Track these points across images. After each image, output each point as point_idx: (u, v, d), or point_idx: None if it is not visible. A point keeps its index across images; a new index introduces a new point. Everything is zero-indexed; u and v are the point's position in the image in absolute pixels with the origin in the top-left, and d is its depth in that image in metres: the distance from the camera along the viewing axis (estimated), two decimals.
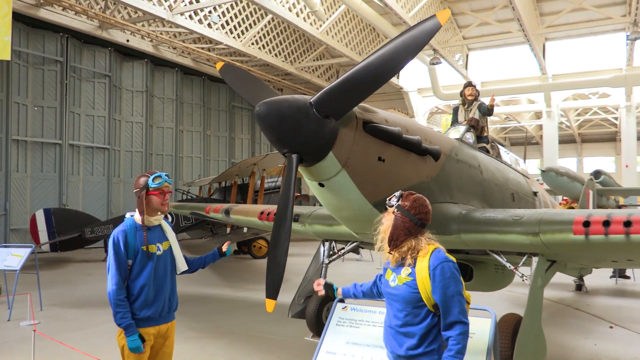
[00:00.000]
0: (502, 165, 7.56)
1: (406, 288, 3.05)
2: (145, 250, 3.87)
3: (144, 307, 3.83)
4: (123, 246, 3.82)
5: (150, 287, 3.87)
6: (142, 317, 3.84)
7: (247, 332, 7.80)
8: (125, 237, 3.86)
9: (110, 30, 19.68)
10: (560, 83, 26.19)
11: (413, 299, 3.03)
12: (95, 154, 21.24)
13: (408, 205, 3.19)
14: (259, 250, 17.55)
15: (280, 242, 4.61)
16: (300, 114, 4.43)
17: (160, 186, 3.94)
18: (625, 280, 12.86)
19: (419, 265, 3.04)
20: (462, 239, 5.72)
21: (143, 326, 3.84)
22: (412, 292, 3.03)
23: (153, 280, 3.90)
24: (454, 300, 2.95)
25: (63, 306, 9.76)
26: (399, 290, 3.09)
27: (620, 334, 7.68)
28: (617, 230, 4.83)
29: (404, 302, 3.06)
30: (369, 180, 5.01)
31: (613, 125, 43.40)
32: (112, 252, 3.82)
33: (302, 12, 19.22)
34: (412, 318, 3.05)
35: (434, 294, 2.97)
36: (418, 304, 3.03)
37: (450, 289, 2.95)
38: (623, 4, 22.35)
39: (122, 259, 3.82)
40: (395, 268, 3.18)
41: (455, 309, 2.94)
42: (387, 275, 3.23)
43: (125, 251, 3.83)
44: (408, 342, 3.05)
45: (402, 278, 3.09)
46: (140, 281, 3.85)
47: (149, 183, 3.93)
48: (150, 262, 3.89)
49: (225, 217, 9.53)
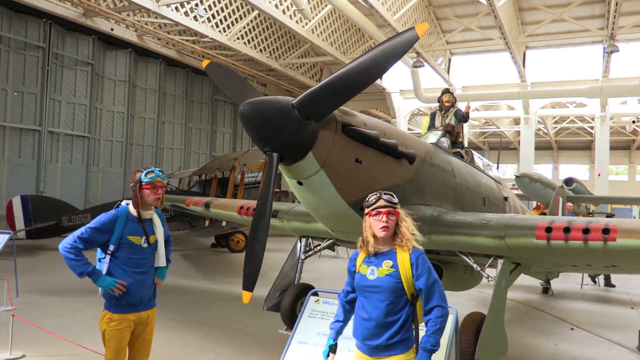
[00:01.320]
0: (475, 170, 7.85)
1: (389, 279, 3.31)
2: (129, 240, 4.04)
3: (125, 293, 4.00)
4: (106, 228, 4.00)
5: (131, 276, 4.03)
6: (123, 303, 4.01)
7: (222, 324, 7.98)
8: (114, 223, 4.04)
9: (94, 18, 19.57)
10: (538, 91, 26.77)
11: (396, 289, 3.30)
12: (75, 142, 21.09)
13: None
14: (236, 244, 17.68)
15: (259, 237, 4.80)
16: (282, 115, 4.63)
17: (152, 181, 4.12)
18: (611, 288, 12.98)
19: (401, 258, 3.32)
20: (432, 240, 5.98)
21: (123, 312, 4.02)
22: (395, 282, 3.30)
23: (134, 269, 4.06)
24: (435, 286, 3.29)
25: (39, 293, 9.79)
26: (381, 282, 3.33)
27: (580, 336, 8.04)
28: (576, 237, 5.13)
29: (388, 292, 3.30)
30: (346, 181, 5.23)
31: (589, 134, 44.36)
32: (92, 224, 3.99)
33: (288, 10, 19.35)
34: (393, 307, 3.30)
35: (418, 282, 3.28)
36: (400, 292, 3.31)
37: (432, 276, 3.30)
38: (601, 17, 22.97)
39: (98, 236, 3.98)
40: (371, 262, 3.41)
41: (436, 294, 3.28)
42: (362, 270, 3.44)
43: (107, 233, 4.00)
44: (390, 331, 3.29)
45: (383, 270, 3.34)
46: (123, 269, 4.03)
47: (142, 177, 4.12)
48: (132, 252, 4.06)
49: (205, 211, 9.68)
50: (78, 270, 3.91)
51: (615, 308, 10.56)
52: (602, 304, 11.00)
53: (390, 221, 3.38)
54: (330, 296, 4.50)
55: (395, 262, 3.33)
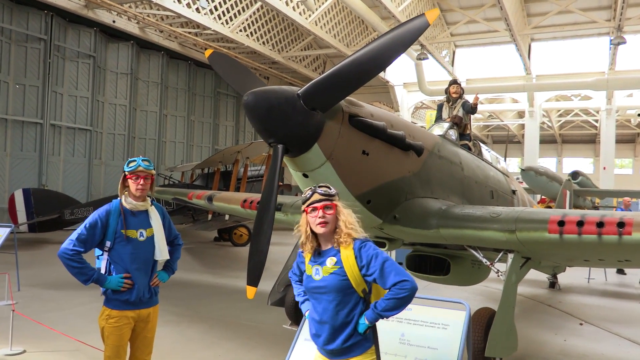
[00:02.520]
0: (483, 163, 7.70)
1: (334, 277, 3.08)
2: (124, 234, 3.90)
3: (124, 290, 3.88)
4: (101, 225, 3.87)
5: (129, 272, 3.91)
6: (122, 299, 3.89)
7: (226, 318, 7.88)
8: (107, 218, 3.91)
9: (96, 10, 19.39)
10: (543, 84, 26.52)
11: (343, 287, 3.07)
12: (77, 135, 21.00)
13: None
14: (239, 237, 17.61)
15: (263, 230, 4.67)
16: (287, 105, 4.49)
17: (134, 170, 3.96)
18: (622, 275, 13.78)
19: (344, 254, 3.09)
20: (440, 234, 5.84)
21: (123, 309, 3.90)
22: (341, 279, 3.07)
23: (132, 265, 3.93)
24: (387, 265, 3.01)
25: (41, 287, 9.72)
26: (327, 281, 3.10)
27: (589, 331, 7.91)
28: (590, 231, 4.99)
29: (335, 292, 3.08)
30: (353, 173, 5.10)
31: (593, 128, 44.13)
32: (87, 224, 3.86)
33: (291, 1, 19.14)
34: (343, 307, 3.08)
35: (367, 272, 3.03)
36: (348, 290, 3.08)
37: (380, 257, 3.03)
38: (608, 9, 22.68)
39: (94, 235, 3.85)
40: (315, 261, 3.19)
41: (392, 272, 2.99)
42: (308, 271, 3.22)
43: (102, 230, 3.87)
44: (344, 334, 3.09)
45: (328, 269, 3.11)
46: (119, 265, 3.91)
47: (124, 167, 4.00)
48: (130, 246, 3.92)
49: (208, 204, 9.56)
50: (83, 278, 3.79)
51: (624, 302, 10.44)
52: (610, 298, 10.87)
53: (327, 215, 3.13)
54: None
55: (339, 258, 3.10)
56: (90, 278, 3.79)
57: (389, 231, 5.90)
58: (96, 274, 3.82)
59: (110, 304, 3.92)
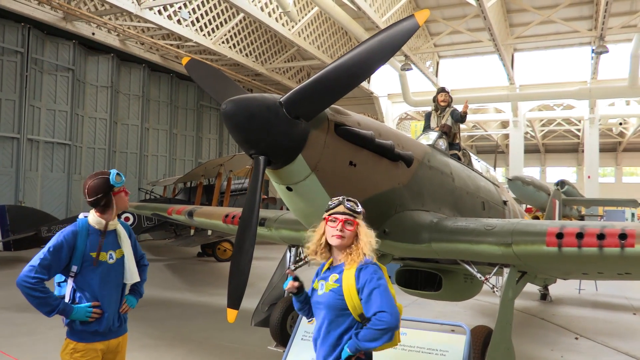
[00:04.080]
0: (474, 173, 7.47)
1: (331, 294, 2.93)
2: (95, 258, 3.48)
3: (92, 320, 3.48)
4: (67, 248, 3.41)
5: (97, 299, 3.49)
6: (90, 331, 3.47)
7: (207, 340, 7.48)
8: (74, 240, 3.46)
9: (75, 22, 18.97)
10: (527, 93, 26.60)
11: (337, 305, 2.91)
12: (55, 150, 20.45)
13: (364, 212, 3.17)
14: (223, 252, 17.15)
15: (245, 249, 4.37)
16: (269, 113, 4.21)
17: (123, 184, 3.64)
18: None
19: (347, 273, 2.93)
20: (432, 248, 5.56)
21: (90, 341, 3.47)
22: (337, 298, 2.91)
23: (101, 291, 3.51)
24: (375, 292, 2.81)
25: (14, 310, 9.21)
26: (325, 297, 2.97)
27: (586, 346, 7.66)
28: (590, 243, 4.74)
29: (327, 309, 2.94)
30: (339, 186, 4.80)
31: (575, 137, 44.49)
32: (51, 248, 3.36)
33: (274, 12, 18.94)
34: (334, 327, 2.91)
35: (361, 295, 2.84)
36: (342, 311, 2.90)
37: (372, 283, 2.83)
38: (589, 19, 22.84)
39: (60, 259, 3.38)
40: (323, 276, 3.07)
41: (375, 301, 2.79)
42: (315, 285, 3.10)
43: (69, 253, 3.41)
44: (333, 355, 2.90)
45: (329, 285, 2.97)
46: (87, 292, 3.48)
47: (114, 183, 3.56)
48: (99, 270, 3.50)
49: (189, 220, 9.19)
50: (47, 309, 3.33)
51: (617, 314, 10.23)
52: (603, 310, 10.66)
53: (346, 230, 2.99)
54: None
55: (341, 276, 2.94)
56: (55, 309, 3.34)
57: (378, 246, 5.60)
58: (61, 303, 3.37)
59: (75, 336, 3.47)
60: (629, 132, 40.46)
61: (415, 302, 9.85)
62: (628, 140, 43.14)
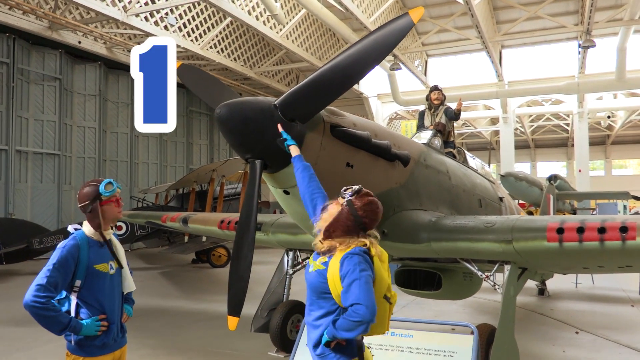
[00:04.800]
0: (469, 170, 7.44)
1: (316, 275, 2.88)
2: (99, 270, 3.40)
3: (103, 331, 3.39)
4: (72, 262, 3.29)
5: (104, 312, 3.42)
6: (98, 344, 3.37)
7: (206, 348, 7.38)
8: (78, 253, 3.34)
9: (60, 31, 18.79)
10: (516, 90, 26.71)
11: (319, 288, 2.86)
12: (44, 160, 20.23)
13: (358, 205, 2.97)
14: (218, 259, 17.04)
15: (243, 254, 4.31)
16: (264, 116, 4.16)
17: (114, 193, 3.53)
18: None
19: (334, 260, 2.84)
20: (432, 248, 5.52)
21: (98, 354, 3.38)
22: (320, 280, 2.85)
23: (106, 303, 3.45)
24: (353, 285, 2.70)
25: (8, 324, 9.06)
26: (310, 277, 2.92)
27: (586, 340, 7.65)
28: (591, 237, 4.71)
29: (310, 289, 2.90)
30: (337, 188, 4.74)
31: (564, 132, 44.73)
32: (56, 263, 3.23)
33: (261, 16, 18.88)
34: (315, 308, 2.87)
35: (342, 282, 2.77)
36: (323, 294, 2.84)
37: (353, 274, 2.73)
38: (575, 14, 22.99)
39: (66, 274, 3.27)
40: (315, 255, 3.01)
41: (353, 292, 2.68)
42: (310, 261, 3.05)
43: (73, 268, 3.30)
44: (313, 338, 2.86)
45: (316, 265, 2.91)
46: (95, 305, 3.39)
47: (102, 192, 3.47)
48: (102, 282, 3.42)
49: (183, 227, 9.10)
50: (59, 327, 3.19)
51: (615, 307, 10.24)
52: (601, 303, 10.68)
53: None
54: None
55: (329, 260, 2.87)
56: (67, 326, 3.21)
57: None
58: (72, 320, 3.25)
59: (82, 351, 3.34)
60: (617, 125, 40.74)
61: (413, 301, 9.81)
62: (616, 133, 43.43)
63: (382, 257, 2.94)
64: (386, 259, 2.95)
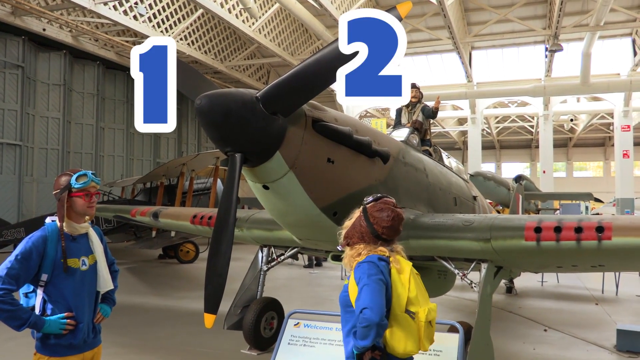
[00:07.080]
0: (445, 169, 7.48)
1: (343, 289, 2.87)
2: (65, 265, 3.21)
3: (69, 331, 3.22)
4: (37, 255, 3.13)
5: (71, 309, 3.23)
6: (64, 344, 3.21)
7: (177, 346, 7.21)
8: (45, 245, 3.18)
9: (24, 17, 18.11)
10: (485, 91, 27.16)
11: (343, 301, 2.83)
12: (5, 151, 19.50)
13: (371, 212, 2.95)
14: (186, 254, 16.74)
15: (221, 251, 4.20)
16: (246, 109, 4.06)
17: (85, 186, 3.32)
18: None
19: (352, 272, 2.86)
20: (410, 245, 5.50)
21: (65, 355, 3.21)
22: (344, 294, 2.83)
23: (75, 301, 3.25)
24: (363, 290, 2.68)
25: None
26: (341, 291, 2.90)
27: (555, 337, 7.78)
28: (568, 237, 4.77)
29: (340, 304, 2.88)
30: (318, 183, 4.70)
31: (529, 133, 45.76)
32: (18, 255, 3.09)
33: (234, 9, 18.62)
34: (344, 324, 2.84)
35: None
36: (347, 307, 2.82)
37: (363, 280, 2.71)
38: (543, 18, 23.46)
39: (29, 268, 3.11)
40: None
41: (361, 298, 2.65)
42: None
43: (38, 261, 3.14)
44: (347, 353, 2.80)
45: (346, 281, 2.91)
46: (60, 302, 3.21)
47: (72, 183, 3.28)
48: (71, 279, 3.24)
49: (154, 221, 8.88)
50: (17, 323, 3.04)
51: (580, 305, 10.47)
52: (567, 301, 10.90)
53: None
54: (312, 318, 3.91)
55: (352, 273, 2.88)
56: (26, 322, 3.05)
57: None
58: (32, 316, 3.09)
59: (47, 350, 3.18)
60: (579, 128, 41.88)
61: None
62: (578, 136, 44.66)
63: (402, 269, 2.83)
64: (407, 272, 2.82)
